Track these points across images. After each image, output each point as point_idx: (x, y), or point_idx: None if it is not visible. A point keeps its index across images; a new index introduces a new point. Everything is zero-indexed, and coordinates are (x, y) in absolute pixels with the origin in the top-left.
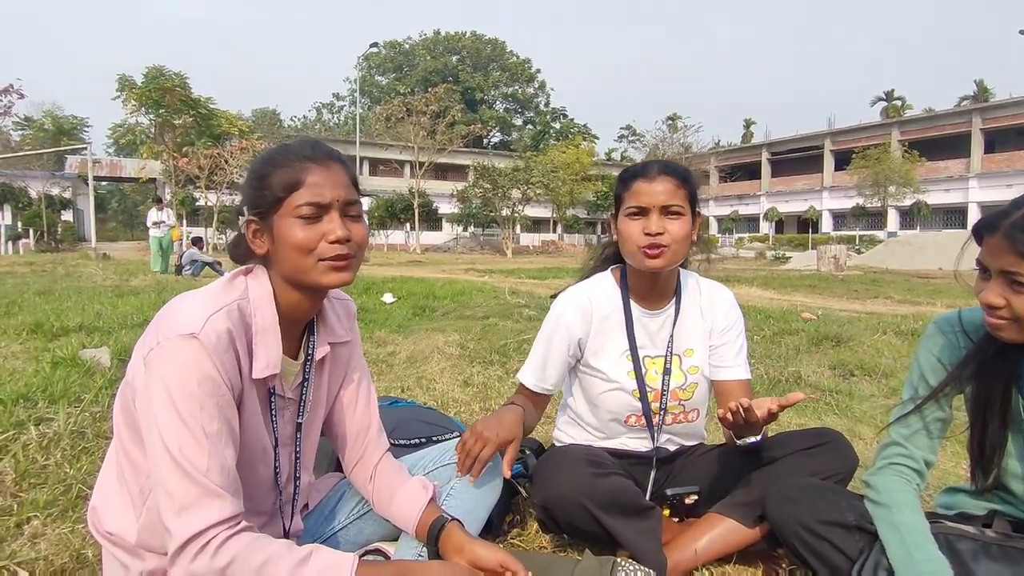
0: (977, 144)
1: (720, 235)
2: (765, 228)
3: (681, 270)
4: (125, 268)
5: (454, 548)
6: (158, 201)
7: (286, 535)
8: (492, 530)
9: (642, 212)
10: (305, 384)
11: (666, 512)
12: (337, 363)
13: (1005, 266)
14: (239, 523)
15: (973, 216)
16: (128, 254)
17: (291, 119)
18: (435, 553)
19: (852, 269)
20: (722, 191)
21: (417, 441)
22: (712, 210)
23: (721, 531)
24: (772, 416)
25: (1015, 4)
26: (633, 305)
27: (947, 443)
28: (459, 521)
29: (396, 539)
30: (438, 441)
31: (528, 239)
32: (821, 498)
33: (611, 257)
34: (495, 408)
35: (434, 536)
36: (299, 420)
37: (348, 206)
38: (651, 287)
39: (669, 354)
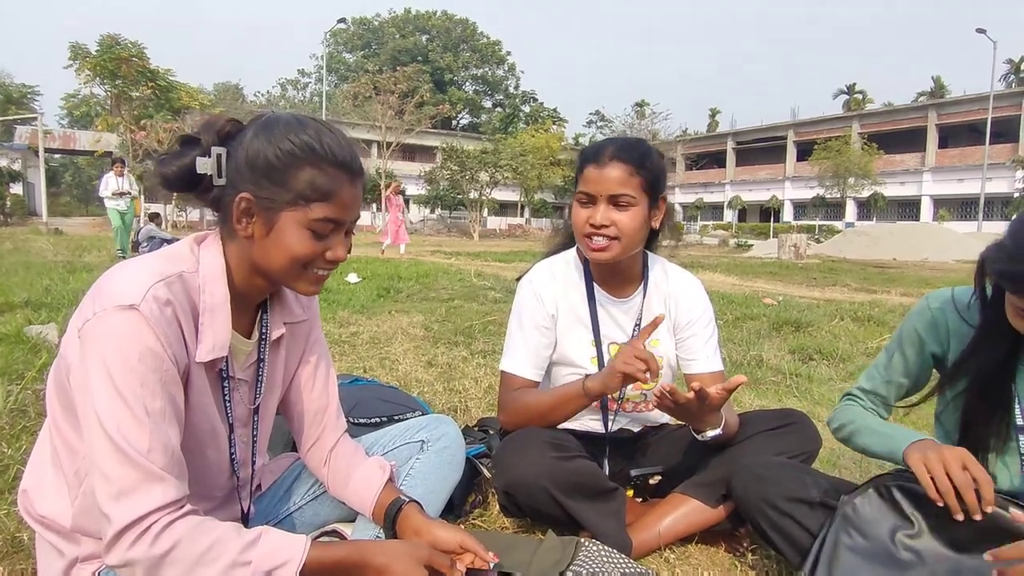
0: (932, 139)
1: (685, 222)
2: (729, 216)
3: (649, 255)
4: (78, 244)
5: (412, 530)
6: (119, 163)
7: (244, 518)
8: (454, 510)
9: (590, 200)
10: (260, 364)
11: (630, 492)
12: (294, 342)
13: None
14: (182, 507)
15: (926, 208)
16: (82, 230)
17: (255, 94)
18: (393, 536)
19: (811, 257)
20: (688, 179)
21: (378, 420)
22: (677, 197)
23: (685, 511)
24: (708, 399)
25: (975, 3)
26: (597, 290)
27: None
28: (417, 503)
29: (354, 520)
30: (399, 420)
31: (495, 222)
32: (787, 475)
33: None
34: (459, 389)
35: (391, 518)
36: (255, 403)
37: (353, 224)
38: (612, 273)
39: None
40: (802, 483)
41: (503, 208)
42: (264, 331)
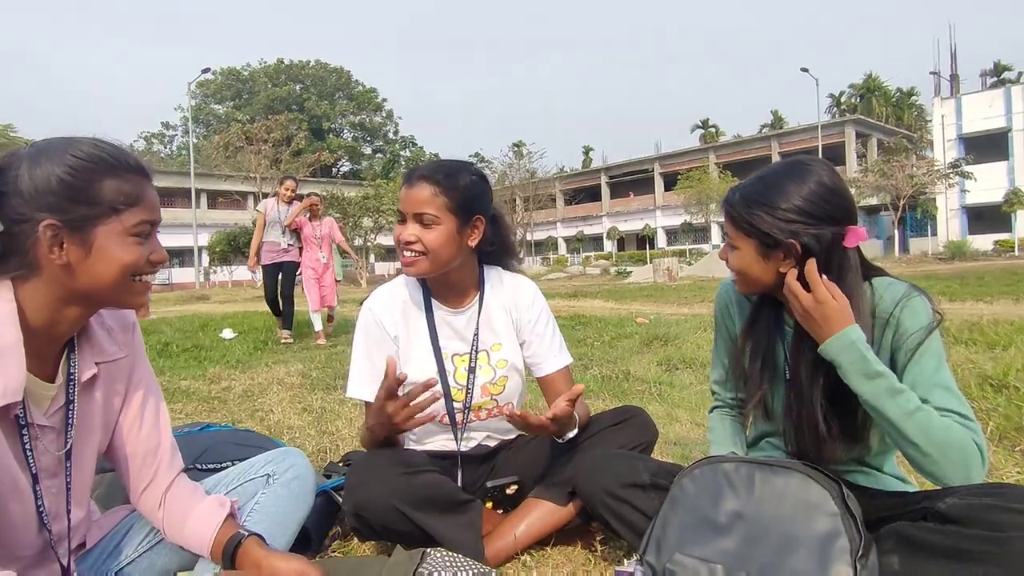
0: None
1: (568, 255)
2: (608, 246)
3: (485, 267)
4: None
5: (252, 563)
6: None
7: None
8: (311, 545)
9: (402, 217)
10: (69, 407)
11: (489, 505)
12: (113, 382)
13: None
14: None
15: None
16: None
17: None
18: None
19: (683, 279)
20: (567, 213)
21: (228, 464)
22: (560, 231)
23: (538, 514)
24: (564, 411)
25: (800, 44)
26: (435, 304)
27: None
28: (259, 536)
29: (193, 568)
30: None
31: (383, 267)
32: (620, 464)
33: None
34: (331, 431)
35: (230, 554)
36: (65, 449)
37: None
38: (448, 286)
39: (475, 351)
40: (634, 468)
41: (389, 253)
42: (72, 372)
